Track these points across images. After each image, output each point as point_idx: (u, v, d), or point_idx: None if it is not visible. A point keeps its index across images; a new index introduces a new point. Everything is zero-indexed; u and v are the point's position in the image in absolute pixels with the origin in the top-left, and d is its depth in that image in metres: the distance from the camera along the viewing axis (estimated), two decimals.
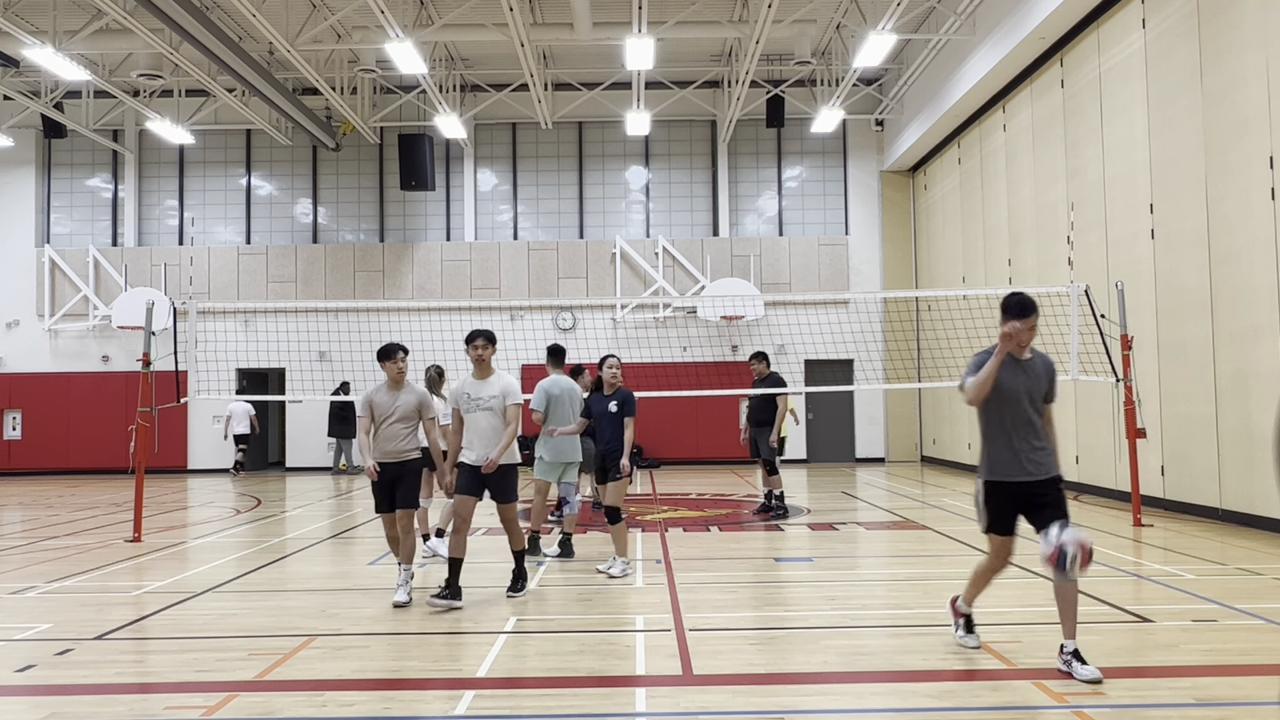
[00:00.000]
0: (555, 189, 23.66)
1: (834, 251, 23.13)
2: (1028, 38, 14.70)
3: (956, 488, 16.10)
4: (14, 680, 5.42)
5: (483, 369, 7.36)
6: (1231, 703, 4.68)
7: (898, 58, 20.98)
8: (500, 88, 22.62)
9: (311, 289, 23.01)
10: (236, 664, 5.65)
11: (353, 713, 4.78)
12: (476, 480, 7.28)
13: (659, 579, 8.08)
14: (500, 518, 7.46)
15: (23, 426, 22.94)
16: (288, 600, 7.67)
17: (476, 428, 7.28)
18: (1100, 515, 11.96)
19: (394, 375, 7.43)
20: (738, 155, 23.54)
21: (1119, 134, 13.26)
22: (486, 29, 17.56)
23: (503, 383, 7.33)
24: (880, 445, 23.13)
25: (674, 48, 20.68)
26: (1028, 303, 5.34)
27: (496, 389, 7.29)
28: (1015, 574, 8.15)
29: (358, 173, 23.71)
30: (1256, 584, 7.55)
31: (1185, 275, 11.64)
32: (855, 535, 10.84)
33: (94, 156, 23.87)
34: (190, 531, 12.04)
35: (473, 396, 7.30)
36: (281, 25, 16.56)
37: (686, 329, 22.61)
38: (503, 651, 5.85)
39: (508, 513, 7.43)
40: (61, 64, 16.85)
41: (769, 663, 5.53)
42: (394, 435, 7.36)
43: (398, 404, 7.37)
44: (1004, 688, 4.95)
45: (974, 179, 18.97)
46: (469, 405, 7.30)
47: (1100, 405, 13.79)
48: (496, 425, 7.24)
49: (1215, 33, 11.06)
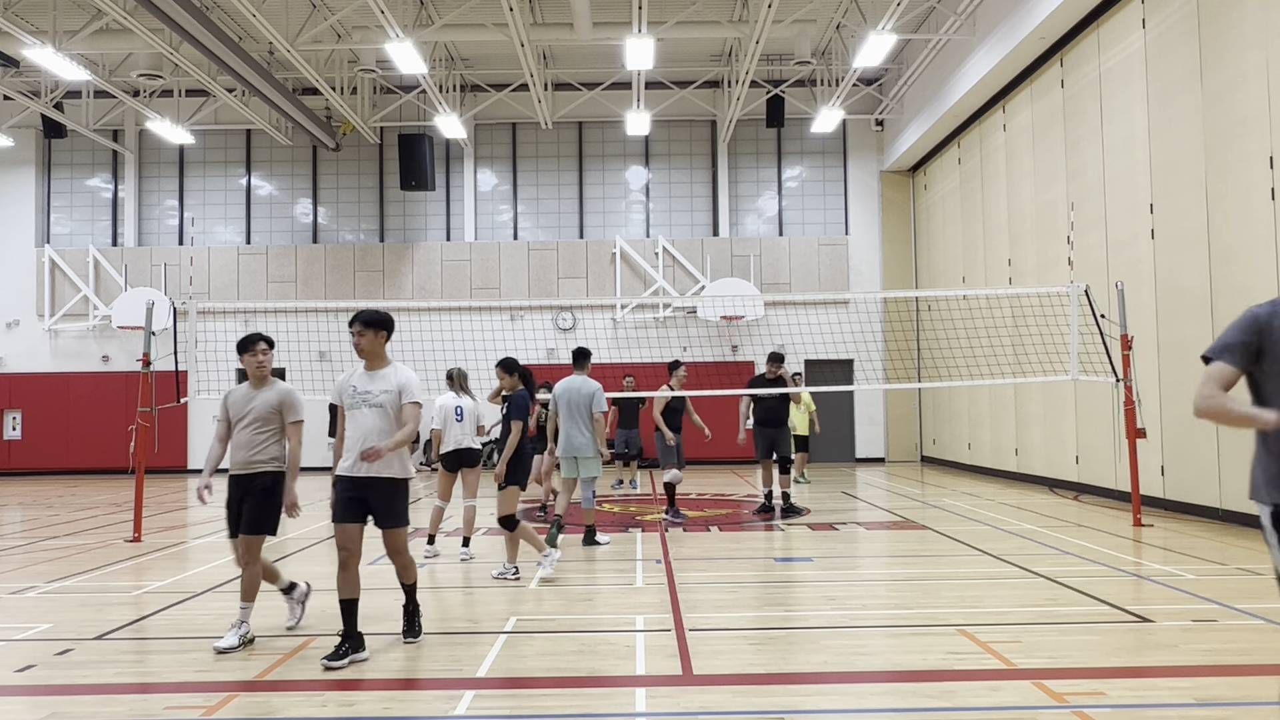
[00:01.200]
0: (555, 189, 23.66)
1: (834, 251, 23.13)
2: (1028, 38, 14.70)
3: (956, 488, 16.10)
4: (14, 680, 5.42)
5: (373, 359, 6.06)
6: (1231, 703, 4.68)
7: (898, 58, 20.98)
8: (500, 88, 22.62)
9: (311, 289, 23.02)
10: (236, 664, 5.66)
11: (353, 713, 4.78)
12: (357, 500, 5.91)
13: (659, 579, 8.08)
14: (386, 547, 6.09)
15: (23, 426, 22.94)
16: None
17: (360, 428, 5.92)
18: (1100, 515, 11.96)
19: (253, 371, 6.44)
20: (738, 155, 23.54)
21: (1119, 134, 13.26)
22: (486, 29, 17.56)
23: (400, 376, 6.05)
24: (880, 445, 23.13)
25: (674, 48, 20.68)
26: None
27: (391, 383, 5.98)
28: (1015, 574, 8.16)
29: (358, 173, 23.71)
30: (1256, 584, 7.54)
31: (1185, 275, 11.64)
32: (855, 535, 10.84)
33: (94, 156, 23.87)
34: (190, 531, 12.04)
35: (358, 390, 6.00)
36: (281, 25, 16.55)
37: (686, 329, 22.61)
38: (503, 651, 5.85)
39: (395, 540, 6.07)
40: (61, 64, 16.85)
41: (769, 663, 5.53)
42: (248, 442, 6.28)
43: (254, 404, 6.31)
44: (1004, 688, 4.95)
45: (974, 179, 18.97)
46: (352, 400, 5.99)
47: (1100, 405, 13.79)
48: (385, 428, 5.91)
49: (1215, 33, 11.06)
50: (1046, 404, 15.79)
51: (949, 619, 6.48)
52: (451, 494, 9.48)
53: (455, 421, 9.31)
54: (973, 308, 17.14)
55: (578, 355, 10.53)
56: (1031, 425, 16.45)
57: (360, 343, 6.04)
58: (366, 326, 6.04)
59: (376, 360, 6.07)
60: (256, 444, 6.28)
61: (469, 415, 9.33)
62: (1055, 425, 15.50)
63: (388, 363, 6.11)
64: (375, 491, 5.90)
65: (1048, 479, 15.74)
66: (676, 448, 11.85)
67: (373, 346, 6.05)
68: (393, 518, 5.99)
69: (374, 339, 6.03)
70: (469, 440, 9.30)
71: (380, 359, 6.09)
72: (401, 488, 6.04)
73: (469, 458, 9.33)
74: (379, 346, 6.07)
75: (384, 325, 6.11)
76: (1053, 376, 13.79)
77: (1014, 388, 16.72)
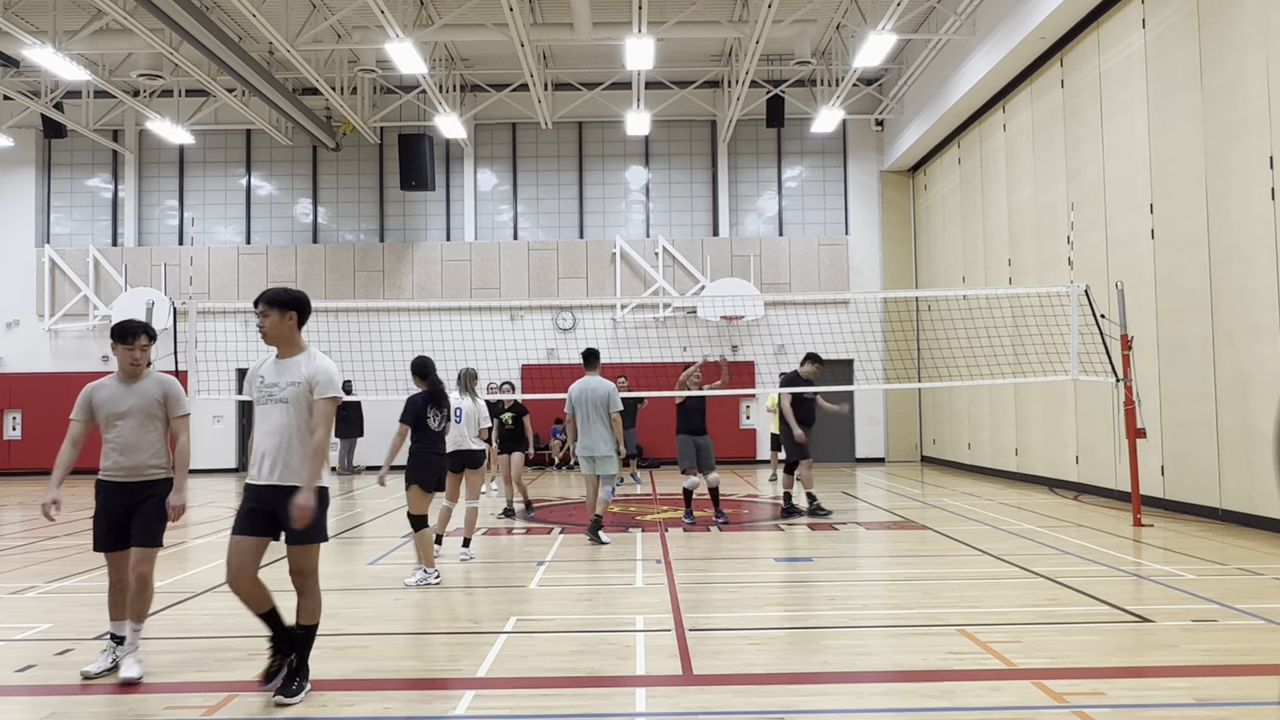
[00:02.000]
0: (555, 189, 23.67)
1: (834, 251, 23.13)
2: (1028, 38, 14.70)
3: (957, 488, 16.10)
4: (14, 680, 5.42)
5: (282, 346, 5.17)
6: (1231, 703, 4.68)
7: (898, 58, 20.98)
8: (500, 88, 22.62)
9: (311, 289, 22.98)
10: (236, 664, 5.65)
11: (353, 713, 4.77)
12: (264, 512, 5.04)
13: (659, 579, 8.08)
14: (291, 569, 5.11)
15: (23, 426, 22.95)
16: (288, 600, 7.65)
17: (267, 426, 5.07)
18: (1100, 515, 11.96)
19: (127, 365, 5.54)
20: (738, 155, 23.54)
21: (1119, 134, 13.26)
22: (486, 29, 17.56)
23: (314, 365, 5.12)
24: (880, 445, 23.13)
25: (674, 48, 20.68)
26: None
27: (302, 373, 5.08)
28: (1015, 574, 8.16)
29: (358, 173, 23.71)
30: (1256, 584, 7.54)
31: (1185, 275, 11.64)
32: (855, 535, 10.84)
33: (94, 156, 23.87)
34: (190, 531, 12.04)
35: (267, 381, 5.12)
36: (281, 25, 16.55)
37: (686, 329, 22.61)
38: (503, 651, 5.84)
39: (303, 559, 5.09)
40: (61, 64, 16.85)
41: (769, 663, 5.53)
42: (132, 444, 5.49)
43: (132, 400, 5.50)
44: (1004, 688, 4.95)
45: (974, 179, 18.97)
46: (261, 394, 5.12)
47: (1100, 405, 13.79)
48: (295, 426, 5.04)
49: (1215, 33, 11.06)
50: (1046, 404, 15.79)
51: (949, 619, 6.48)
52: (459, 494, 9.49)
53: (455, 423, 9.31)
54: (973, 308, 17.14)
55: (589, 356, 10.64)
56: (1031, 425, 16.45)
57: (264, 325, 5.12)
58: (271, 306, 5.11)
59: (286, 347, 5.17)
60: (144, 446, 5.51)
61: (468, 417, 9.33)
62: (1055, 425, 15.50)
63: (300, 350, 5.18)
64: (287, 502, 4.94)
65: (1048, 479, 15.74)
66: (708, 449, 11.70)
67: (279, 330, 5.13)
68: (304, 531, 4.98)
69: (279, 321, 5.11)
70: (469, 442, 9.31)
71: (291, 346, 5.17)
72: (321, 498, 5.08)
73: (471, 459, 9.34)
74: (287, 331, 5.14)
75: (293, 305, 5.17)
76: (1053, 376, 13.79)
77: (1014, 388, 16.72)
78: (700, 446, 11.65)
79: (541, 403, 21.76)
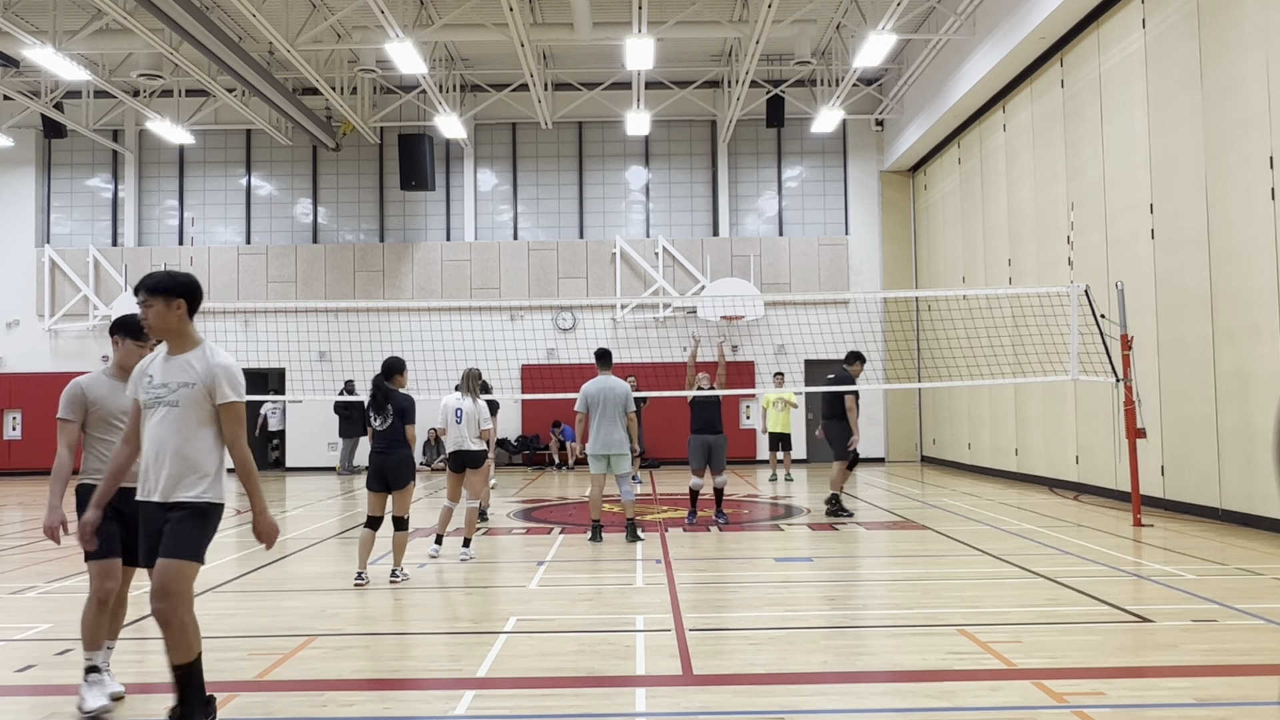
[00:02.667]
0: (555, 189, 23.66)
1: (834, 251, 23.13)
2: (1028, 38, 14.70)
3: (957, 488, 16.10)
4: (14, 680, 5.42)
5: (172, 340, 4.39)
6: (1231, 703, 4.68)
7: (898, 58, 20.98)
8: (500, 88, 22.62)
9: (311, 289, 23.01)
10: (236, 664, 5.65)
11: (353, 713, 4.77)
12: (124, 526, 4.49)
13: (659, 579, 8.08)
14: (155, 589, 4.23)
15: (23, 426, 22.96)
16: (288, 600, 7.67)
17: (154, 432, 4.29)
18: (1100, 515, 11.96)
19: (132, 363, 4.84)
20: (738, 155, 23.54)
21: (1119, 134, 13.26)
22: (486, 29, 17.56)
23: (211, 363, 4.35)
24: (880, 445, 23.12)
25: (674, 48, 20.68)
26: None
27: (195, 371, 4.32)
28: (1015, 574, 8.16)
29: (358, 173, 23.71)
30: (1256, 584, 7.55)
31: (1185, 275, 11.63)
32: (855, 535, 10.84)
33: (94, 156, 23.87)
34: None
35: (155, 381, 4.35)
36: (281, 25, 16.55)
37: (686, 329, 22.59)
38: (503, 651, 5.84)
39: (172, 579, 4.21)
40: (61, 64, 16.85)
41: (769, 663, 5.53)
42: None
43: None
44: (1004, 688, 4.95)
45: (974, 179, 18.97)
46: (149, 395, 4.34)
47: (1100, 405, 13.79)
48: (186, 433, 4.27)
49: (1215, 33, 11.05)
50: (1046, 404, 15.79)
51: (949, 619, 6.48)
52: (460, 494, 9.49)
53: (455, 423, 9.32)
54: (973, 308, 17.14)
55: (604, 356, 10.58)
56: (1031, 425, 16.45)
57: (147, 316, 4.37)
58: (153, 294, 4.34)
59: (177, 341, 4.39)
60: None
61: (468, 417, 9.33)
62: (1055, 425, 15.50)
63: (195, 344, 4.40)
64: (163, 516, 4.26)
65: (1048, 479, 15.74)
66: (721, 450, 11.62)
67: (165, 322, 4.36)
68: (183, 544, 4.23)
69: (165, 311, 4.35)
70: (469, 442, 9.31)
71: (182, 339, 4.39)
72: (212, 515, 4.34)
73: (471, 459, 9.35)
74: (176, 322, 4.37)
75: (180, 292, 4.38)
76: (1053, 376, 13.79)
77: (1014, 388, 16.72)
78: (713, 447, 11.51)
79: (541, 403, 21.83)
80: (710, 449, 11.50)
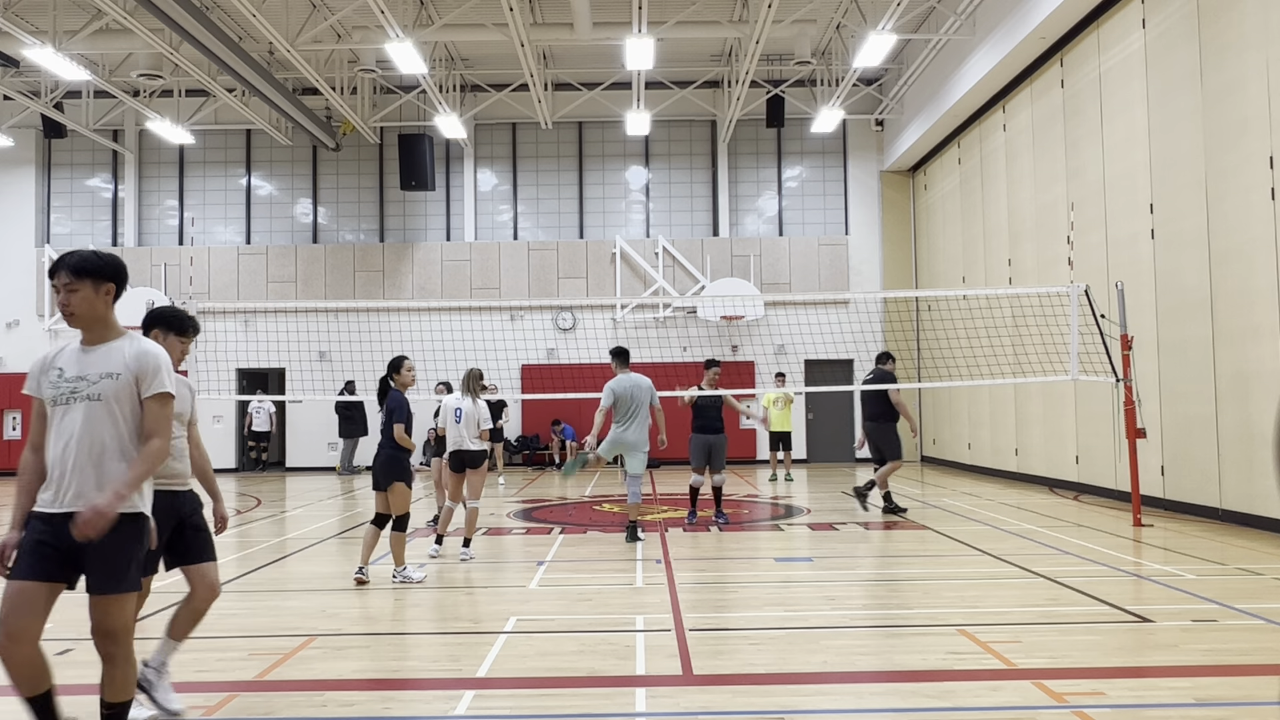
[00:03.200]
0: (555, 189, 23.67)
1: (834, 251, 23.13)
2: (1028, 38, 14.70)
3: (957, 488, 16.10)
4: None
5: (92, 327, 3.89)
6: (1231, 703, 4.68)
7: (898, 58, 20.98)
8: (500, 88, 22.62)
9: (311, 289, 23.01)
10: (236, 664, 5.65)
11: (353, 713, 4.77)
12: (54, 548, 3.70)
13: (659, 579, 8.08)
14: (94, 629, 3.78)
15: (23, 426, 22.95)
16: (288, 600, 7.67)
17: (67, 433, 3.80)
18: (1100, 515, 11.96)
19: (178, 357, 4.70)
20: (738, 155, 23.54)
21: (1119, 134, 13.27)
22: (486, 29, 17.57)
23: (138, 350, 3.88)
24: None
25: (674, 48, 20.68)
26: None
27: (116, 362, 3.83)
28: (1015, 574, 8.16)
29: (358, 173, 23.71)
30: (1256, 584, 7.55)
31: (1185, 275, 11.64)
32: (855, 535, 10.84)
33: (94, 156, 23.87)
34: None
35: (68, 375, 3.86)
36: (281, 25, 16.56)
37: (686, 329, 22.61)
38: (503, 651, 5.84)
39: (112, 615, 3.77)
40: (61, 64, 16.85)
41: (769, 663, 5.53)
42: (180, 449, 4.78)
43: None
44: (1004, 688, 4.95)
45: (974, 179, 18.97)
46: (59, 390, 3.86)
47: (1100, 405, 13.79)
48: (110, 431, 3.80)
49: (1215, 33, 11.06)
50: (1046, 404, 15.79)
51: (949, 619, 6.48)
52: (462, 495, 9.49)
53: (455, 423, 9.32)
54: (973, 308, 17.15)
55: (623, 354, 10.61)
56: (1031, 425, 16.45)
57: (70, 302, 3.83)
58: (77, 276, 3.82)
59: (99, 329, 3.89)
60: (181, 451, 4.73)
61: (468, 417, 9.34)
62: (1055, 425, 15.50)
63: (118, 334, 3.93)
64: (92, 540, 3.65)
65: (1048, 479, 15.75)
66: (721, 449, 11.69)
67: (91, 308, 3.87)
68: (110, 577, 3.72)
69: (93, 296, 3.86)
70: (468, 442, 9.31)
71: (106, 328, 3.90)
72: (130, 531, 3.78)
73: (471, 459, 9.35)
74: (103, 308, 3.89)
75: (110, 275, 3.90)
76: (1053, 376, 13.80)
77: (1014, 388, 16.72)
78: (713, 446, 11.64)
79: (542, 403, 21.83)
80: (711, 448, 11.60)
